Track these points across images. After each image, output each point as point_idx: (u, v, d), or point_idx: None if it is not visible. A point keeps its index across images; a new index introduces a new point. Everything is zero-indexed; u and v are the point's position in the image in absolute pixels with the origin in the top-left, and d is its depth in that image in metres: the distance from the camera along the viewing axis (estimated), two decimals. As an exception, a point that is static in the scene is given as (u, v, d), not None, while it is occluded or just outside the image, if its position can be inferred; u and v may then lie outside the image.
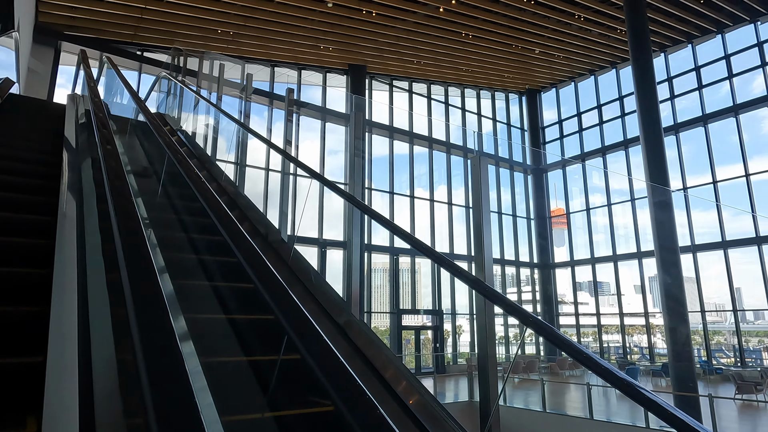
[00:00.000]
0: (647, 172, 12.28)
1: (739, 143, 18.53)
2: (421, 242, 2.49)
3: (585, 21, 17.84)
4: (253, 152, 7.37)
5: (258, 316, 2.38)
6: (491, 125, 25.03)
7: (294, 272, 2.88)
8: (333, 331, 2.26)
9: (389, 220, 2.89)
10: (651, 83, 12.61)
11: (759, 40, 18.40)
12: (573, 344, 1.70)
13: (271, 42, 17.09)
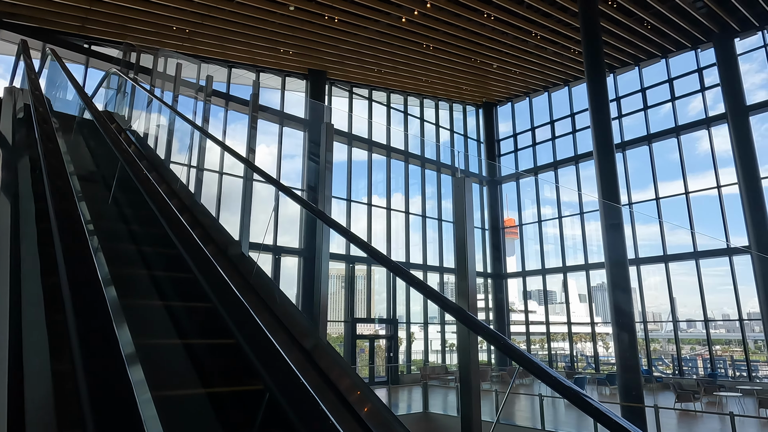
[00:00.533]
0: (599, 186, 12.70)
1: (680, 162, 19.57)
2: (385, 257, 2.39)
3: (541, 39, 18.39)
4: (208, 154, 7.06)
5: (220, 341, 2.19)
6: (449, 136, 25.36)
7: (257, 291, 2.69)
8: (306, 365, 2.10)
9: (360, 238, 2.77)
10: (604, 102, 13.09)
11: (699, 66, 19.56)
12: (525, 355, 1.67)
13: (229, 42, 16.63)
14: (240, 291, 2.31)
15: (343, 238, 3.06)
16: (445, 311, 1.96)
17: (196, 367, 2.04)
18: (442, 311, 17.79)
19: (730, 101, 18.07)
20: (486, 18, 16.69)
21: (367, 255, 2.66)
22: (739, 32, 18.10)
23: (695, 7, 16.85)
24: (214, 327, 2.31)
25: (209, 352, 2.13)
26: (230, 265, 2.93)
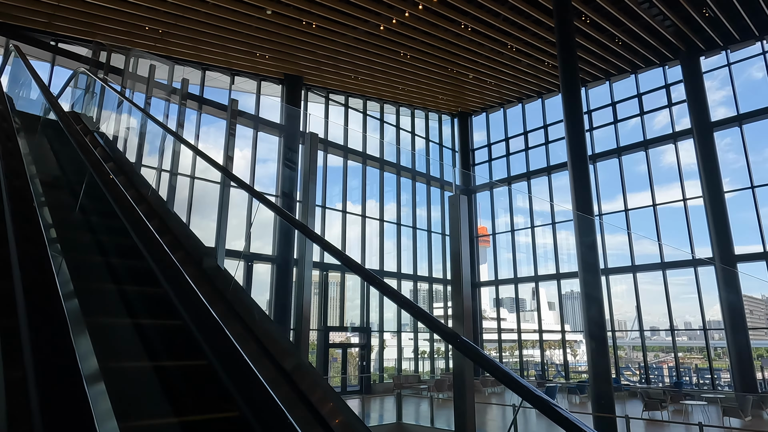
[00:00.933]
0: (573, 196, 12.89)
1: (648, 175, 20.10)
2: (364, 268, 2.32)
3: (516, 51, 18.68)
4: (181, 158, 6.85)
5: (193, 362, 2.04)
6: (424, 144, 25.47)
7: (234, 308, 2.54)
8: (292, 396, 1.98)
9: (339, 249, 2.67)
10: (579, 115, 13.33)
11: (666, 83, 20.18)
12: (499, 366, 1.66)
13: (204, 44, 16.32)
14: (213, 307, 2.17)
15: (317, 245, 2.98)
16: (435, 331, 1.90)
17: (168, 393, 1.89)
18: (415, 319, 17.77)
19: (695, 117, 18.67)
20: (463, 29, 16.85)
21: (354, 271, 2.58)
22: (704, 51, 18.76)
23: (664, 26, 17.39)
24: (186, 347, 2.17)
25: (182, 376, 1.99)
26: (205, 279, 2.77)
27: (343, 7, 15.00)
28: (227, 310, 2.54)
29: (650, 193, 19.87)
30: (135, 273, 2.86)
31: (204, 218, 17.60)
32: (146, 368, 2.00)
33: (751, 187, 17.55)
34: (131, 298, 2.64)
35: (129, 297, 2.60)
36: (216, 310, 2.18)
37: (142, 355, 2.10)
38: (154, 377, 1.92)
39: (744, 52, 18.46)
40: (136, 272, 2.85)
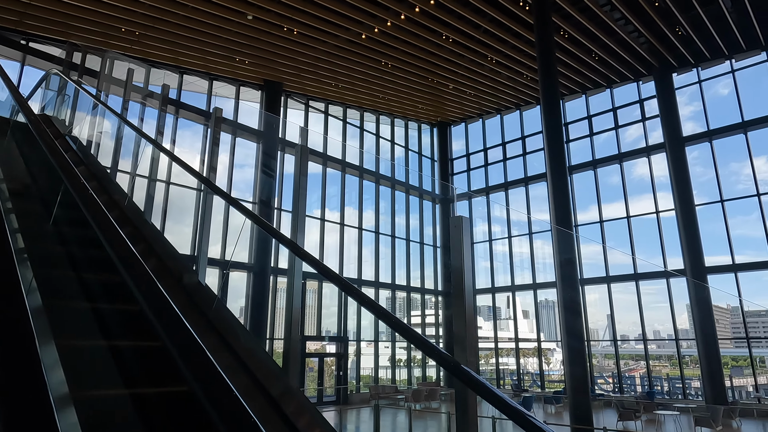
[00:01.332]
0: (552, 207, 13.01)
1: (622, 187, 20.51)
2: (343, 279, 2.26)
3: (496, 63, 18.89)
4: (157, 164, 6.67)
5: (174, 389, 1.91)
6: (404, 153, 25.50)
7: (216, 328, 2.40)
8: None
9: (317, 260, 2.57)
10: (558, 127, 13.50)
11: (640, 98, 20.67)
12: (479, 380, 1.62)
13: (182, 48, 16.02)
14: (198, 330, 2.05)
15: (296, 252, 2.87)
16: (424, 350, 1.84)
17: (144, 419, 1.76)
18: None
19: (668, 132, 19.16)
20: (444, 40, 16.96)
21: (334, 282, 2.52)
22: (676, 68, 19.31)
23: (638, 42, 17.82)
24: (165, 371, 2.03)
25: (159, 401, 1.85)
26: (186, 297, 2.62)
27: (325, 15, 14.93)
28: (206, 326, 2.39)
29: (624, 204, 20.27)
30: (109, 289, 2.70)
31: (177, 223, 17.19)
32: (122, 396, 1.86)
33: (720, 201, 18.04)
34: (104, 316, 2.48)
35: (102, 315, 2.44)
36: (197, 329, 2.06)
37: (116, 380, 1.95)
38: (129, 403, 1.78)
39: (714, 70, 19.06)
40: (109, 288, 2.69)
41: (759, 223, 17.18)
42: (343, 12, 14.85)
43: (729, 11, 15.70)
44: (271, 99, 19.25)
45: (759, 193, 17.34)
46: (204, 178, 3.43)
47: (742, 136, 18.09)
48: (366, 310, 2.17)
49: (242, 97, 19.13)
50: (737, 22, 16.33)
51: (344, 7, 14.67)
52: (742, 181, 18.56)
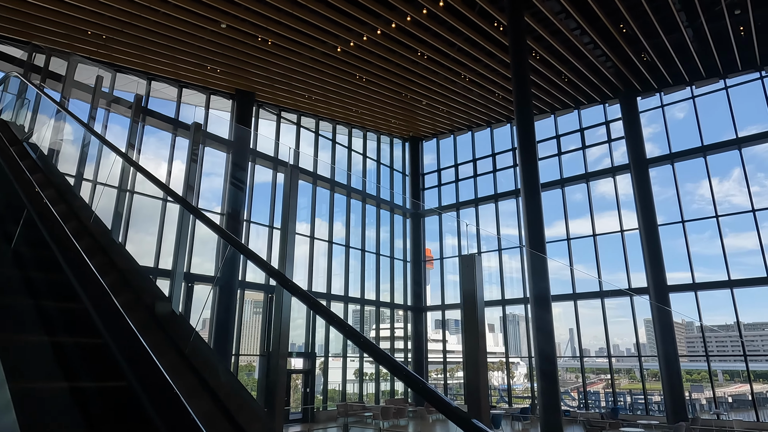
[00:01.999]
0: (526, 224, 13.12)
1: (589, 206, 20.97)
2: (314, 299, 2.22)
3: (469, 81, 19.13)
4: (117, 170, 6.38)
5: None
6: (375, 166, 25.43)
7: (195, 367, 2.19)
8: None
9: (288, 280, 2.42)
10: (532, 145, 13.68)
11: (606, 119, 21.28)
12: (436, 394, 1.63)
13: (151, 54, 15.56)
14: (170, 372, 1.86)
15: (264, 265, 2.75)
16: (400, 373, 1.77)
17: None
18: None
19: (632, 153, 19.75)
20: (419, 56, 17.07)
21: (302, 300, 2.50)
22: (641, 92, 19.99)
23: (606, 66, 18.38)
24: (133, 416, 1.82)
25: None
26: (159, 330, 2.39)
27: (301, 27, 14.81)
28: (182, 364, 2.18)
29: (591, 222, 20.71)
30: (69, 319, 2.46)
31: (139, 231, 16.59)
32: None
33: (681, 222, 18.65)
34: (64, 350, 2.24)
35: (62, 349, 2.20)
36: (171, 373, 1.87)
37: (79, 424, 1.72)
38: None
39: (675, 95, 19.80)
40: (70, 318, 2.45)
41: (711, 242, 17.92)
42: (319, 25, 14.75)
43: (691, 40, 16.37)
44: (243, 108, 18.91)
45: (717, 215, 18.01)
46: (182, 199, 3.21)
47: (702, 159, 18.80)
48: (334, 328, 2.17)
49: (213, 106, 18.73)
50: (698, 51, 17.05)
51: (321, 20, 14.58)
52: (696, 201, 19.36)
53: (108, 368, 2.13)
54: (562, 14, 15.30)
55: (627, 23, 15.43)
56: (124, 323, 2.09)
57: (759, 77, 17.99)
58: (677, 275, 18.43)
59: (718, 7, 14.57)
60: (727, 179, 19.18)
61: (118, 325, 2.13)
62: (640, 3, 14.24)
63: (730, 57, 17.35)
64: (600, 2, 14.62)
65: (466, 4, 14.56)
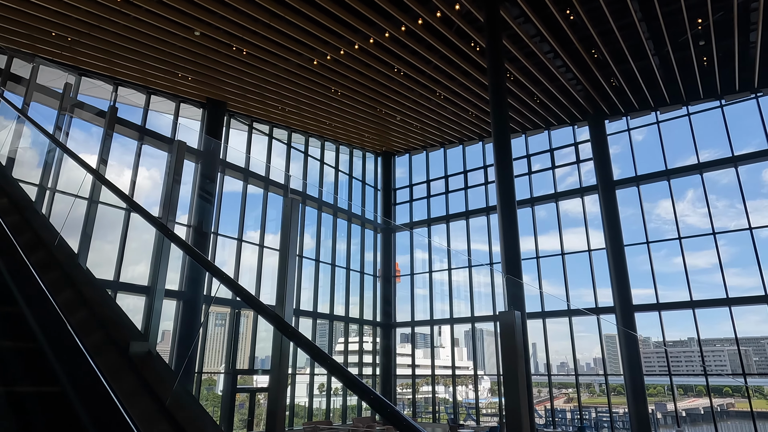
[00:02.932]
0: (502, 240, 13.11)
1: (558, 225, 21.30)
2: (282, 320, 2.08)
3: (444, 99, 19.23)
4: (79, 176, 6.01)
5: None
6: (347, 181, 25.21)
7: (177, 421, 1.90)
8: None
9: (255, 298, 2.20)
10: (509, 163, 13.75)
11: (575, 141, 21.76)
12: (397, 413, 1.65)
13: (119, 59, 14.96)
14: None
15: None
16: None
17: None
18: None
19: (600, 175, 20.23)
20: (396, 72, 17.06)
21: (269, 321, 2.47)
22: (608, 115, 20.56)
23: (576, 89, 18.82)
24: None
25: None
26: (132, 375, 2.09)
27: (278, 38, 14.57)
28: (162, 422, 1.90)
29: (559, 241, 21.01)
30: (26, 362, 2.15)
31: (96, 239, 15.82)
32: None
33: (646, 242, 19.14)
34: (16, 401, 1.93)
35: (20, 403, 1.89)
36: None
37: None
38: None
39: (641, 120, 20.44)
40: (30, 365, 2.14)
41: (666, 259, 18.71)
42: (296, 37, 14.55)
43: (657, 67, 16.95)
44: (214, 118, 18.43)
45: (680, 237, 18.57)
46: (165, 228, 2.93)
47: (665, 182, 19.41)
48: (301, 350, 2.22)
49: (182, 114, 18.18)
50: (664, 78, 17.67)
51: (298, 32, 14.38)
52: (653, 220, 19.97)
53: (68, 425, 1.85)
54: (537, 37, 15.60)
55: (599, 49, 15.85)
56: (88, 368, 1.81)
57: (719, 105, 18.78)
58: (640, 291, 18.87)
59: (683, 37, 15.15)
60: (682, 200, 19.84)
61: (81, 370, 1.85)
62: (612, 30, 14.67)
63: (693, 85, 18.05)
64: (574, 27, 14.98)
65: (444, 23, 14.66)
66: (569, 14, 14.15)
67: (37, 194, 4.36)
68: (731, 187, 18.35)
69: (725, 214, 18.74)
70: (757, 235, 17.35)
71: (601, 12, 13.95)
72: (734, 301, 17.24)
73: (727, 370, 20.08)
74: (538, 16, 14.37)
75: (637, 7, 14.04)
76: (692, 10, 14.00)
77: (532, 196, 22.20)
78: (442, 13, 14.01)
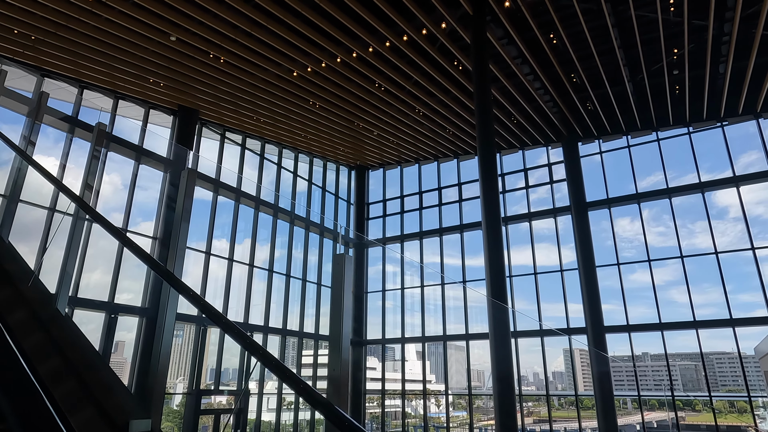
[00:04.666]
0: (487, 257, 12.94)
1: (531, 244, 21.42)
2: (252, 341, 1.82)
3: (422, 116, 19.11)
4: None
5: None
6: (320, 194, 24.73)
7: None
8: None
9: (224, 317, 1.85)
10: (494, 181, 13.66)
11: (549, 162, 22.03)
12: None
13: (85, 60, 14.11)
14: None
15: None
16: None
17: None
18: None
19: (573, 196, 20.49)
20: (376, 87, 16.82)
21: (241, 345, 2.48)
22: (582, 138, 20.91)
23: (552, 111, 19.06)
24: None
25: None
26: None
27: (258, 47, 14.09)
28: None
29: (532, 259, 21.13)
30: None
31: (24, 240, 14.79)
32: None
33: (617, 264, 19.45)
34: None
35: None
36: None
37: None
38: None
39: (613, 143, 20.88)
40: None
41: (624, 276, 19.21)
42: (277, 47, 14.12)
43: (631, 93, 17.34)
44: (185, 126, 17.67)
45: (649, 259, 18.95)
46: (154, 262, 2.49)
47: (636, 205, 19.84)
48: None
49: (152, 121, 17.37)
50: (636, 104, 18.10)
51: (279, 43, 13.96)
52: (610, 238, 20.36)
53: None
54: (518, 59, 15.69)
55: (578, 73, 16.09)
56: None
57: (687, 132, 19.39)
58: (608, 306, 19.18)
59: (658, 65, 15.55)
60: (636, 219, 20.34)
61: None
62: (592, 55, 14.90)
63: (664, 112, 18.57)
64: (555, 50, 15.15)
65: (429, 40, 14.54)
66: (552, 38, 14.29)
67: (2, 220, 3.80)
68: (692, 208, 18.98)
69: (692, 234, 19.32)
70: (723, 258, 17.90)
71: (583, 36, 14.15)
72: (700, 324, 17.66)
73: (679, 385, 20.77)
74: (521, 38, 14.45)
75: (617, 34, 14.32)
76: (669, 40, 14.38)
77: (506, 215, 22.29)
78: (428, 30, 13.89)
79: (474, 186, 23.61)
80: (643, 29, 13.95)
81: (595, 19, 13.80)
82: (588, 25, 13.59)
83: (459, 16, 13.72)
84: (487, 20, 13.75)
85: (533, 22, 13.46)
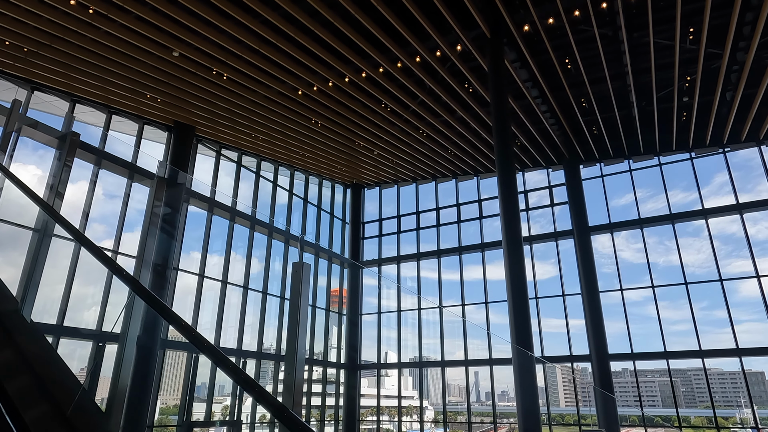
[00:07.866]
0: (509, 281, 12.48)
1: (532, 268, 21.03)
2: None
3: (426, 137, 18.69)
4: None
5: None
6: (316, 212, 24.05)
7: None
8: None
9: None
10: (515, 202, 13.28)
11: (550, 184, 21.78)
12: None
13: (78, 73, 13.34)
14: None
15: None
16: None
17: None
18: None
19: (575, 220, 20.21)
20: (383, 108, 16.36)
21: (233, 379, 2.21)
22: (583, 161, 20.73)
23: (557, 134, 18.84)
24: None
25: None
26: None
27: (263, 64, 13.52)
28: None
29: (534, 286, 20.71)
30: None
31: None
32: None
33: (620, 290, 19.16)
34: None
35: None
36: None
37: None
38: None
39: (614, 167, 20.73)
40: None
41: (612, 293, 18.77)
42: (283, 65, 13.57)
43: (638, 118, 17.20)
44: (180, 142, 16.91)
45: (653, 285, 18.71)
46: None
47: (639, 230, 19.64)
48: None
49: (146, 136, 16.59)
50: (642, 128, 17.97)
51: (287, 60, 13.42)
52: (606, 264, 20.17)
53: None
54: (529, 82, 15.41)
55: (587, 96, 15.87)
56: None
57: (689, 158, 19.33)
58: (612, 323, 18.90)
59: (668, 89, 15.41)
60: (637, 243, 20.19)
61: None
62: (604, 78, 14.69)
63: (668, 137, 18.48)
64: (567, 73, 14.90)
65: (440, 61, 14.16)
66: (567, 62, 14.04)
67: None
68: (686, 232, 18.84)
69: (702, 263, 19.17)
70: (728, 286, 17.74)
71: (598, 60, 13.91)
72: (706, 353, 17.41)
73: (658, 400, 20.65)
74: (535, 60, 14.17)
75: (628, 60, 14.14)
76: (682, 66, 14.24)
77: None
78: (442, 52, 13.51)
79: (473, 207, 23.21)
80: (657, 55, 13.79)
81: (610, 43, 13.61)
82: (604, 50, 13.37)
83: (473, 37, 13.37)
84: (504, 42, 13.44)
85: (549, 44, 13.19)
